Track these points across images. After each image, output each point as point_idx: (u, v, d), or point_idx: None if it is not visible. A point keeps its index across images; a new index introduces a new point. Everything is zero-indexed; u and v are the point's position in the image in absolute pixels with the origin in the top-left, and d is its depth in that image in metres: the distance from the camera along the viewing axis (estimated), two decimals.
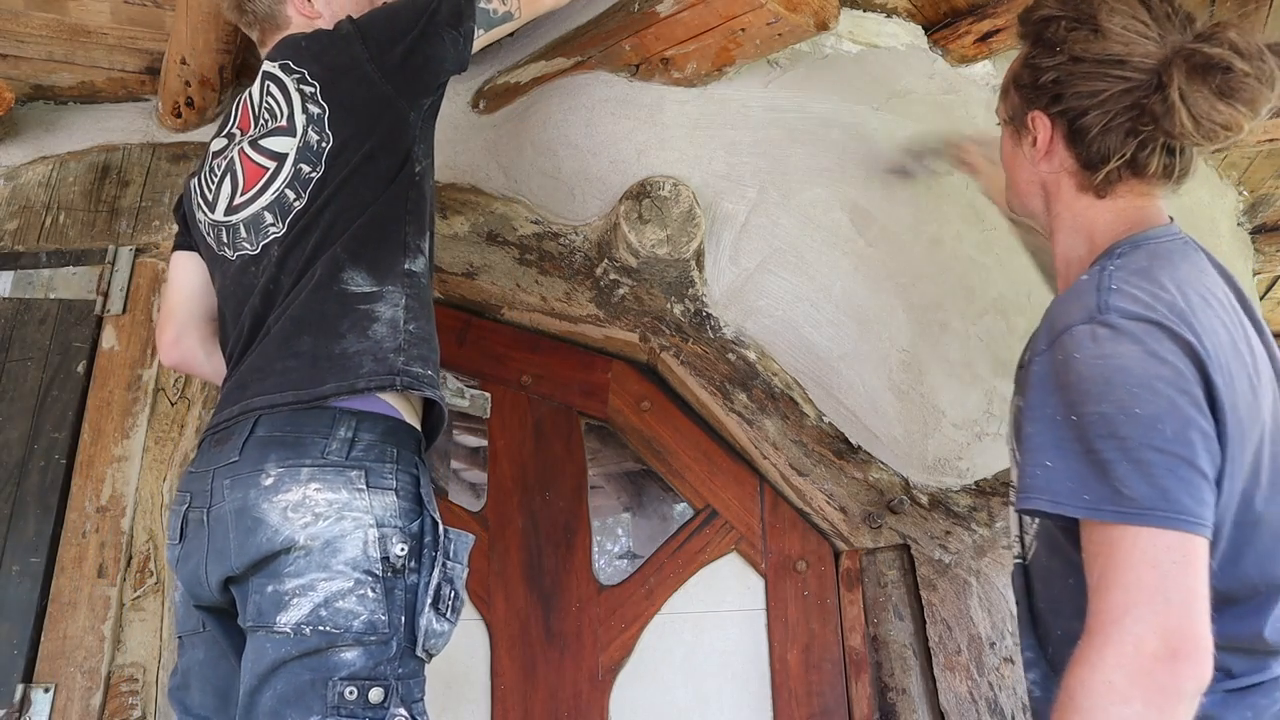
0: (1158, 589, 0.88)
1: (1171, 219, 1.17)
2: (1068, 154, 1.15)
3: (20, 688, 1.67)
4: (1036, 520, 1.17)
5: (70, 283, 1.95)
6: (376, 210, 1.37)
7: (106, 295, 1.92)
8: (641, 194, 1.96)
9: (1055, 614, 1.14)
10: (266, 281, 1.38)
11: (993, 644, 2.12)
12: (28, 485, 1.79)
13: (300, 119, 1.40)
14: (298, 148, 1.39)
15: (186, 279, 1.58)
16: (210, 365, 1.58)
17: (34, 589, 1.73)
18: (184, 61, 1.89)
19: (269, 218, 1.39)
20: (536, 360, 2.33)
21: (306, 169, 1.38)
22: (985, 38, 1.93)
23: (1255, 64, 0.99)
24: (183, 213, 1.61)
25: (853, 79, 1.99)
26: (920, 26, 1.97)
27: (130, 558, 1.80)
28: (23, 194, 2.02)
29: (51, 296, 1.93)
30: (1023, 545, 1.22)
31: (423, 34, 1.39)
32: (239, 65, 2.00)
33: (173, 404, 1.90)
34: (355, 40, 1.38)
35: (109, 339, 1.91)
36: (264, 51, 1.57)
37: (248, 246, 1.41)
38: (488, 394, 1.85)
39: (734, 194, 2.02)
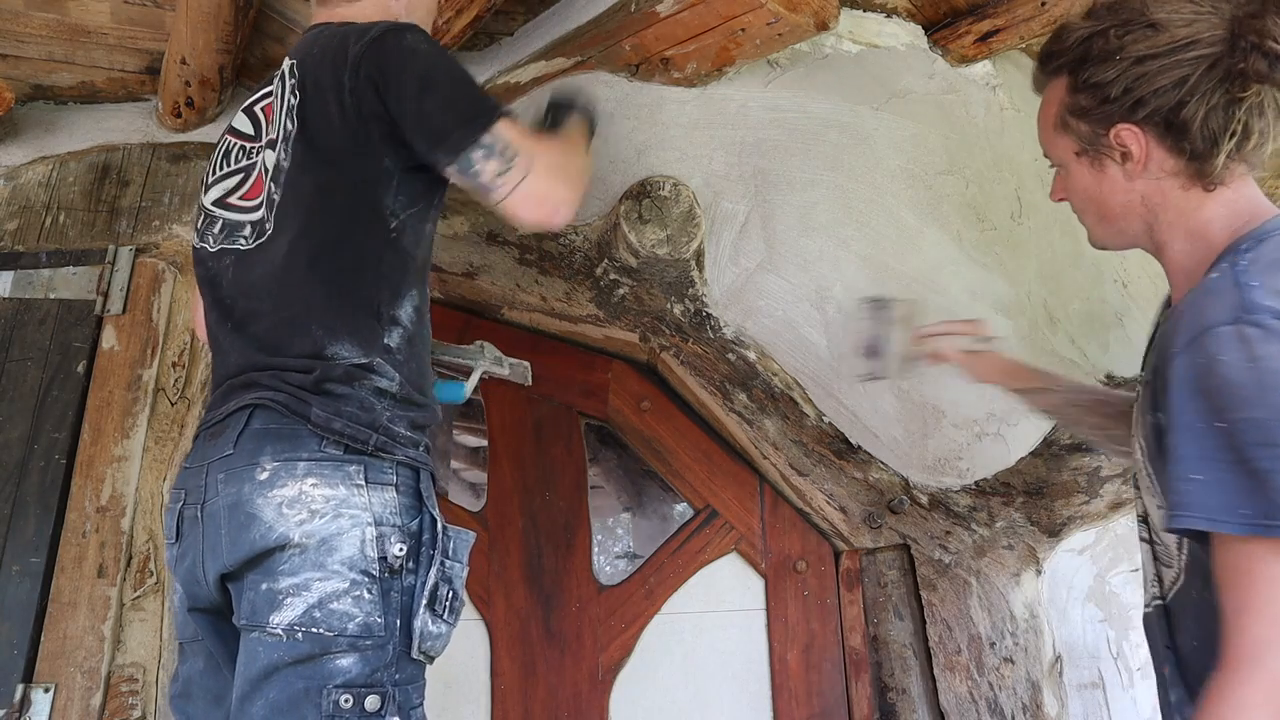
0: None
1: None
2: (1167, 155, 1.10)
3: (20, 688, 1.67)
4: (1185, 552, 1.06)
5: (70, 283, 1.95)
6: (344, 266, 1.26)
7: (106, 295, 1.92)
8: (641, 194, 1.96)
9: (1215, 654, 0.99)
10: (235, 289, 1.32)
11: (993, 644, 2.12)
12: (28, 485, 1.79)
13: (279, 133, 1.32)
14: (273, 165, 1.32)
15: None
16: None
17: (34, 589, 1.73)
18: (184, 61, 1.89)
19: (247, 230, 1.33)
20: (536, 360, 2.32)
21: (274, 188, 1.30)
22: (985, 38, 1.93)
23: None
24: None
25: (853, 79, 1.99)
26: (920, 26, 1.97)
27: (130, 558, 1.80)
28: (23, 194, 2.02)
29: (51, 296, 1.93)
30: (1161, 584, 1.12)
31: (410, 114, 1.24)
32: (239, 65, 2.00)
33: (173, 404, 1.90)
34: (349, 63, 1.25)
35: (109, 339, 1.91)
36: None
37: (230, 244, 1.35)
38: (527, 363, 1.81)
39: (734, 194, 2.02)
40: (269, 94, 1.41)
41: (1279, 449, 0.85)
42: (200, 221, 1.43)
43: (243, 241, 1.33)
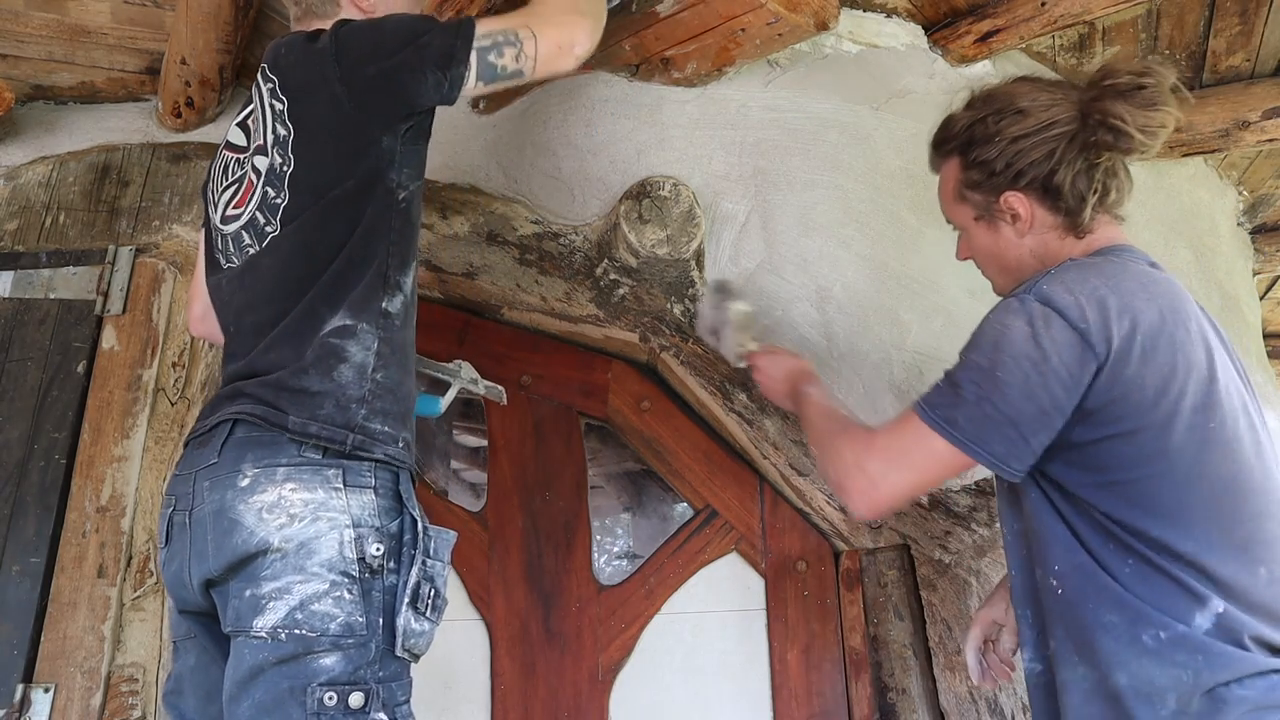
0: (919, 466, 1.24)
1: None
2: (1047, 213, 1.34)
3: (20, 688, 1.67)
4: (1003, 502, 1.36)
5: (70, 283, 1.95)
6: (354, 243, 1.30)
7: (106, 295, 1.92)
8: (641, 194, 1.96)
9: (1040, 570, 1.26)
10: (238, 298, 1.37)
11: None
12: (28, 485, 1.79)
13: (270, 138, 1.34)
14: (266, 170, 1.34)
15: None
16: None
17: (34, 589, 1.73)
18: (184, 61, 1.89)
19: (246, 238, 1.37)
20: (536, 360, 2.33)
21: (272, 193, 1.33)
22: (985, 38, 1.93)
23: (1154, 75, 1.26)
24: (206, 194, 1.58)
25: (853, 79, 1.99)
26: (920, 26, 1.97)
27: (130, 558, 1.80)
28: (23, 194, 2.02)
29: (51, 296, 1.93)
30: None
31: (403, 64, 1.28)
32: (239, 65, 2.00)
33: (173, 404, 1.90)
34: (329, 57, 1.28)
35: (109, 339, 1.91)
36: None
37: (236, 260, 1.40)
38: (502, 388, 1.87)
39: (734, 194, 2.02)
40: (252, 105, 1.45)
41: (978, 388, 1.18)
42: (218, 243, 1.45)
43: (250, 249, 1.37)
